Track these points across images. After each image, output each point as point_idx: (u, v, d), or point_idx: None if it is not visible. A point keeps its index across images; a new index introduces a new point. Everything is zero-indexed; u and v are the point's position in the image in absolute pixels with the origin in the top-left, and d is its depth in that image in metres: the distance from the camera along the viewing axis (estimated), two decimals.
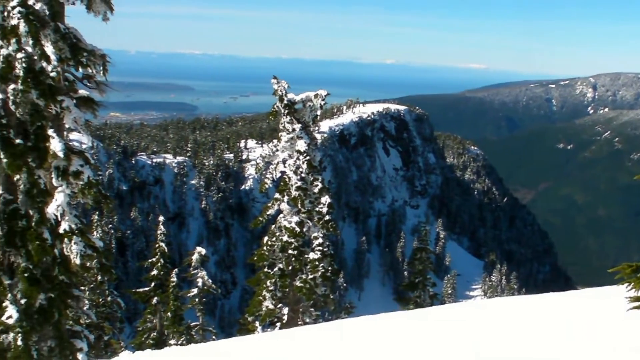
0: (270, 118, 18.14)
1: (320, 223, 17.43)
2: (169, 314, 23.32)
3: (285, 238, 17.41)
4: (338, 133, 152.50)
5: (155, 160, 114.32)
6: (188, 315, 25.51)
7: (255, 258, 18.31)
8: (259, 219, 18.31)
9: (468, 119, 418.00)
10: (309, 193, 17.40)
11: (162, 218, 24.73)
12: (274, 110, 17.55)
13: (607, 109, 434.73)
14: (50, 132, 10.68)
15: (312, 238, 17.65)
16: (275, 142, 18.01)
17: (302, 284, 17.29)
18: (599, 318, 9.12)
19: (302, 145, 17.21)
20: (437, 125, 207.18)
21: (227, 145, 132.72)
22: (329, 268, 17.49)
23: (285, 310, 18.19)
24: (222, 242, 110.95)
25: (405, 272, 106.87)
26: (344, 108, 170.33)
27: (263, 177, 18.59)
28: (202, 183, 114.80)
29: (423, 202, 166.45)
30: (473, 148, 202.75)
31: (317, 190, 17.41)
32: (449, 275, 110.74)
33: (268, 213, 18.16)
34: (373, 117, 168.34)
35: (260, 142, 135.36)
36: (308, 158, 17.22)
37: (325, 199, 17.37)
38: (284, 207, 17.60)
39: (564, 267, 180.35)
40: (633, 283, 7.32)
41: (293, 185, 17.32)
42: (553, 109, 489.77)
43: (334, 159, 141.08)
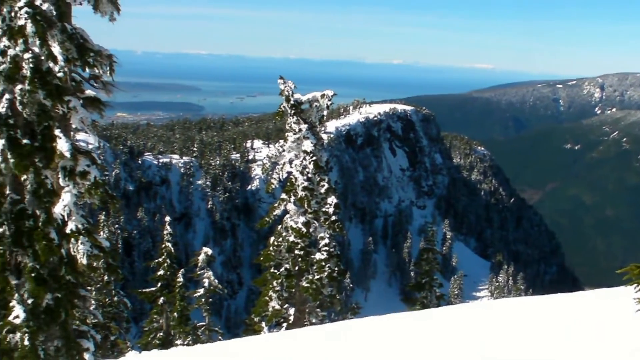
0: (277, 118, 18.12)
1: (327, 223, 17.39)
2: (175, 314, 23.38)
3: (292, 238, 17.38)
4: (344, 133, 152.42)
5: (162, 161, 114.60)
6: (194, 316, 25.55)
7: (262, 258, 18.30)
8: (266, 219, 18.30)
9: (475, 119, 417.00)
10: (316, 193, 17.36)
11: (168, 218, 24.74)
12: (281, 111, 17.52)
13: (614, 109, 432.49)
14: (57, 132, 10.70)
15: (318, 238, 17.61)
16: (282, 142, 17.97)
17: (308, 285, 17.26)
18: (606, 319, 9.05)
19: (308, 146, 17.17)
20: (443, 126, 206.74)
21: (233, 146, 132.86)
22: (336, 268, 17.45)
23: (292, 311, 18.15)
24: (228, 242, 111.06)
25: (412, 272, 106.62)
26: (351, 108, 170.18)
27: (269, 177, 18.55)
28: (208, 183, 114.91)
29: (430, 202, 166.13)
30: (480, 148, 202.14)
31: (323, 191, 17.37)
32: (456, 276, 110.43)
33: (274, 213, 18.14)
34: (379, 117, 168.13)
35: (267, 142, 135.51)
36: (314, 158, 17.19)
37: (332, 200, 17.33)
38: (291, 207, 17.57)
39: (572, 268, 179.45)
40: None
41: (299, 186, 17.29)
42: (560, 109, 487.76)
43: (341, 160, 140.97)
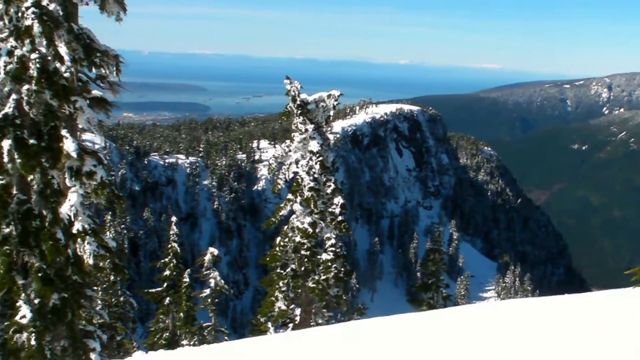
0: (283, 118, 18.10)
1: (333, 224, 17.35)
2: (182, 315, 23.38)
3: (298, 239, 17.34)
4: (351, 133, 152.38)
5: (168, 161, 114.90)
6: (200, 316, 25.56)
7: (268, 259, 18.26)
8: (272, 220, 18.26)
9: (482, 120, 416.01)
10: (322, 194, 17.32)
11: (174, 218, 24.74)
12: (287, 111, 17.49)
13: (622, 110, 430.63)
14: (64, 132, 10.71)
15: (324, 239, 17.57)
16: (288, 142, 17.93)
17: (314, 285, 17.21)
18: (614, 320, 8.98)
19: (314, 146, 17.13)
20: (450, 126, 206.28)
21: (239, 146, 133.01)
22: (342, 269, 17.40)
23: (298, 311, 18.11)
24: (234, 242, 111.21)
25: (418, 273, 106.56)
26: (357, 108, 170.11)
27: (275, 177, 18.52)
28: (214, 183, 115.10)
29: (436, 203, 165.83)
30: (486, 149, 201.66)
31: (329, 191, 17.32)
32: (462, 277, 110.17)
33: (280, 214, 18.10)
34: (386, 117, 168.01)
35: (273, 142, 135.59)
36: (321, 158, 17.15)
37: (338, 200, 17.29)
38: (297, 207, 17.53)
39: (579, 269, 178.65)
40: None
41: (306, 186, 17.25)
42: (568, 110, 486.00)
43: (347, 160, 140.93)
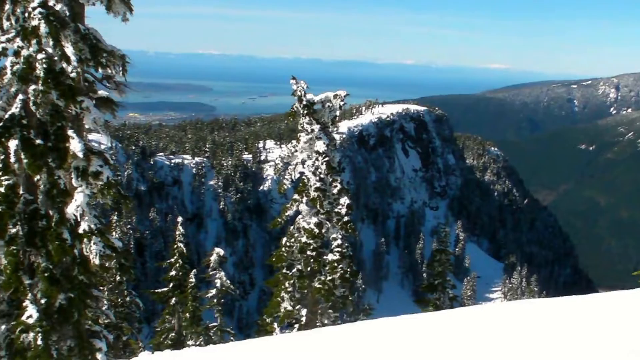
0: (289, 119, 18.06)
1: (339, 224, 17.31)
2: (187, 315, 23.39)
3: (304, 239, 17.32)
4: (357, 134, 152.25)
5: (174, 161, 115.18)
6: (206, 316, 25.59)
7: (274, 259, 18.25)
8: (278, 220, 18.24)
9: (488, 120, 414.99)
10: (328, 194, 17.29)
11: (180, 219, 24.79)
12: (293, 111, 17.46)
13: (630, 110, 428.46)
14: (70, 132, 10.72)
15: (330, 239, 17.54)
16: (294, 142, 17.90)
17: (320, 285, 17.18)
18: (619, 321, 8.91)
19: (321, 146, 17.10)
20: (456, 126, 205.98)
21: (245, 146, 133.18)
22: (348, 269, 17.36)
23: (304, 312, 18.10)
24: (240, 243, 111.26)
25: (425, 274, 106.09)
26: (363, 109, 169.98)
27: (282, 177, 18.50)
28: (220, 184, 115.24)
29: (442, 203, 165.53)
30: (493, 149, 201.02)
31: (336, 191, 17.30)
32: (469, 277, 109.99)
33: (287, 214, 18.07)
34: (392, 117, 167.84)
35: (279, 142, 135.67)
36: (327, 159, 17.11)
37: (344, 200, 17.25)
38: (303, 208, 17.50)
39: (586, 269, 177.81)
40: None
41: (312, 186, 17.21)
42: (575, 110, 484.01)
43: (353, 160, 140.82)
